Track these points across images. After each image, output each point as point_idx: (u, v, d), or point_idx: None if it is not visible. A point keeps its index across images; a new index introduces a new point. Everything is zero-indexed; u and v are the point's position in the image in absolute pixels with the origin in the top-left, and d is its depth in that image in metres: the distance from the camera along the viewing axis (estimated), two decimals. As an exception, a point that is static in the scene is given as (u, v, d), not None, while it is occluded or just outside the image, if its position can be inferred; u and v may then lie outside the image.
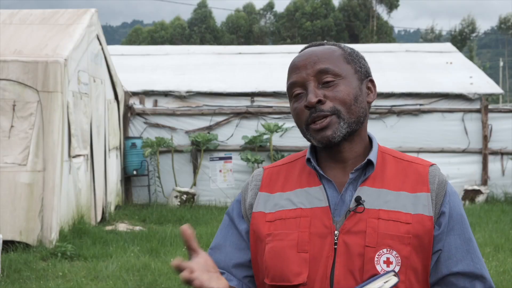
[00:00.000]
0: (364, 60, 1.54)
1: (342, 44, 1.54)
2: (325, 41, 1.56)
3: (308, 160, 1.51)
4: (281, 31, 46.16)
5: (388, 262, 1.38)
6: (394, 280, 1.23)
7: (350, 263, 1.39)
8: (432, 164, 1.51)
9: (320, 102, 1.43)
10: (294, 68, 1.49)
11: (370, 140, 1.55)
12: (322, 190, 1.47)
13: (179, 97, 12.27)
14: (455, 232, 1.45)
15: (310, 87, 1.44)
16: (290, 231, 1.44)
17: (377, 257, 1.38)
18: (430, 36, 48.42)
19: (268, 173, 1.58)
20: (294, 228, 1.44)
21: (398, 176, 1.47)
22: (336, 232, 1.41)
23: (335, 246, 1.40)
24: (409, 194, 1.44)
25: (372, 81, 1.53)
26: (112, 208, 9.57)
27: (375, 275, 1.38)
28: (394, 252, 1.38)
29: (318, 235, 1.42)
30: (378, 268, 1.38)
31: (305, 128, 1.46)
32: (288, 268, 1.42)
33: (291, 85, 1.48)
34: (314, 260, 1.41)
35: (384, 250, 1.38)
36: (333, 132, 1.43)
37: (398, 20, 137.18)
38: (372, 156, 1.47)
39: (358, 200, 1.42)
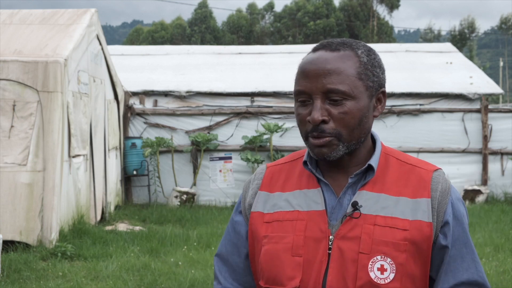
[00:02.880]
0: (381, 68, 1.47)
1: (360, 50, 1.44)
2: (343, 41, 1.46)
3: (305, 162, 1.49)
4: (282, 30, 46.16)
5: (382, 269, 1.36)
6: None
7: (343, 269, 1.37)
8: (437, 169, 1.47)
9: (324, 121, 1.40)
10: (303, 75, 1.42)
11: (374, 141, 1.52)
12: (320, 193, 1.45)
13: (179, 97, 12.28)
14: (461, 242, 1.44)
15: (316, 103, 1.40)
16: (285, 234, 1.44)
17: (370, 264, 1.36)
18: (429, 36, 48.38)
19: (270, 171, 1.57)
20: (290, 230, 1.44)
21: (400, 180, 1.44)
22: (331, 237, 1.40)
23: (329, 251, 1.39)
24: (409, 199, 1.42)
25: (383, 93, 1.48)
26: (112, 208, 9.57)
27: (368, 282, 1.36)
28: (389, 259, 1.36)
29: (313, 239, 1.41)
30: (372, 275, 1.36)
31: (305, 137, 1.44)
32: (282, 271, 1.42)
33: (298, 92, 1.43)
34: (308, 264, 1.39)
35: (378, 257, 1.37)
36: (329, 152, 1.41)
37: (401, 19, 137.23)
38: (373, 161, 1.45)
39: (355, 205, 1.40)
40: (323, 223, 1.41)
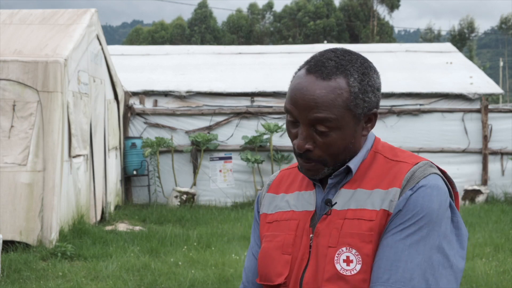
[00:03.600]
0: (374, 91, 1.43)
1: (353, 77, 1.40)
2: (337, 65, 1.40)
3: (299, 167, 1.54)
4: (282, 30, 46.17)
5: (348, 261, 1.37)
6: None
7: (318, 265, 1.41)
8: (420, 161, 1.42)
9: (308, 150, 1.42)
10: (292, 100, 1.42)
11: None
12: (314, 194, 1.50)
13: (179, 97, 12.28)
14: (402, 234, 1.35)
15: (302, 130, 1.42)
16: (279, 233, 1.51)
17: (336, 256, 1.38)
18: (429, 36, 48.37)
19: (281, 174, 1.65)
20: (284, 230, 1.50)
21: (379, 176, 1.43)
22: (311, 235, 1.45)
23: (311, 249, 1.44)
24: (382, 191, 1.40)
25: (375, 113, 1.45)
26: (112, 208, 9.57)
27: (335, 275, 1.37)
28: (354, 251, 1.37)
29: (300, 237, 1.47)
30: (338, 267, 1.37)
31: (294, 151, 1.48)
32: (273, 268, 1.49)
33: (286, 110, 1.45)
34: (294, 261, 1.46)
35: (344, 248, 1.38)
36: (315, 174, 1.46)
37: (401, 19, 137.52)
38: (353, 162, 1.45)
39: (326, 203, 1.44)
40: (308, 223, 1.47)
